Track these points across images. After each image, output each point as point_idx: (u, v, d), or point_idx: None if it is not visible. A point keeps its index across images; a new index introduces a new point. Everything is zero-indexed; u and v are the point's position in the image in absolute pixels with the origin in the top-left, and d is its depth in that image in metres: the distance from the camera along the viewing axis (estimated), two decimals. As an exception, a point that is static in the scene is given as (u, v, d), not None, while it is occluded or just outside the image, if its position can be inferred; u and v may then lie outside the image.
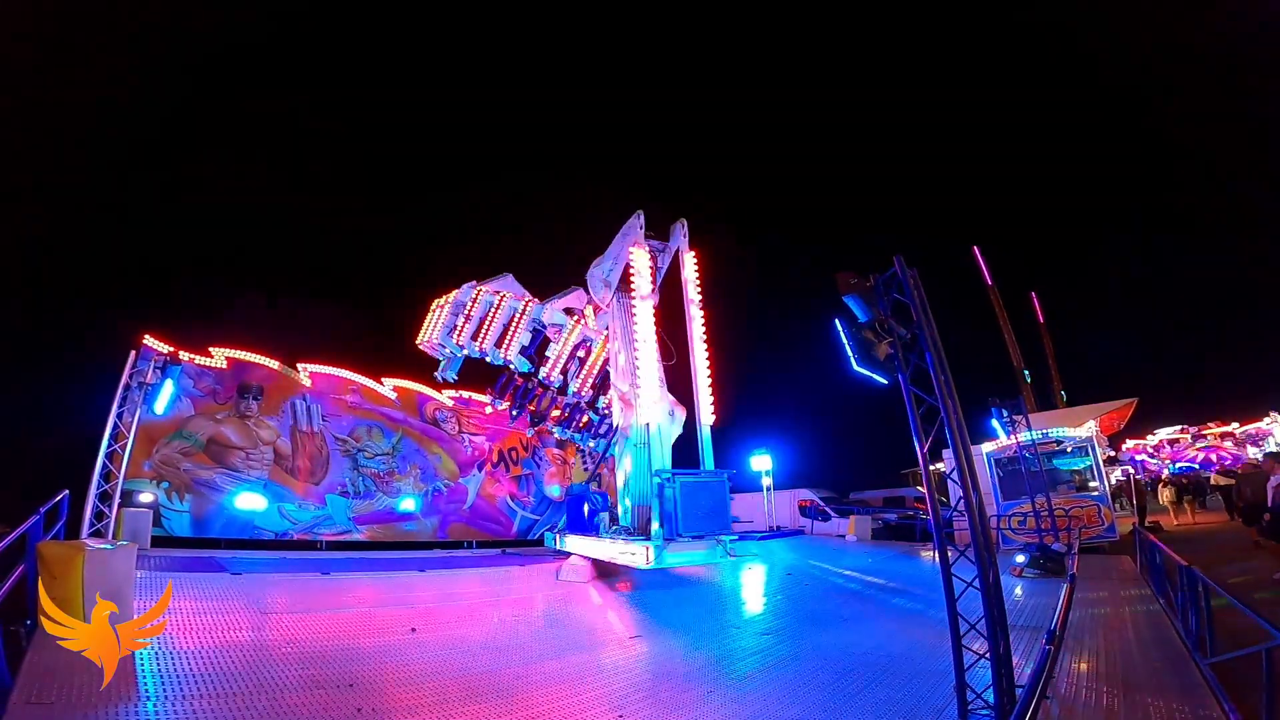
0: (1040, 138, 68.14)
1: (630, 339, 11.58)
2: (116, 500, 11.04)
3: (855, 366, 6.10)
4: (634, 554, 9.68)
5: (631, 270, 11.76)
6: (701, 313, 11.73)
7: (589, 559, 11.99)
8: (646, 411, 11.01)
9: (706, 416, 10.90)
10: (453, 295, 14.95)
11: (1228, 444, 35.48)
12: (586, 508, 13.09)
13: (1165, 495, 21.25)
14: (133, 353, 12.11)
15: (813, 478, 27.55)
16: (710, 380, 11.24)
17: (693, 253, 12.01)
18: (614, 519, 12.13)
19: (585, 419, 16.12)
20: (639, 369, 11.14)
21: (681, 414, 11.69)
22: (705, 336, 11.58)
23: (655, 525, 9.47)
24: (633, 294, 11.66)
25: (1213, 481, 22.94)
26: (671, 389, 11.71)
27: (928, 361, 5.75)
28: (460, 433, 19.06)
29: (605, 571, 11.85)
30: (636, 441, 11.22)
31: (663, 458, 11.02)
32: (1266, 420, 34.29)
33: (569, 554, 12.73)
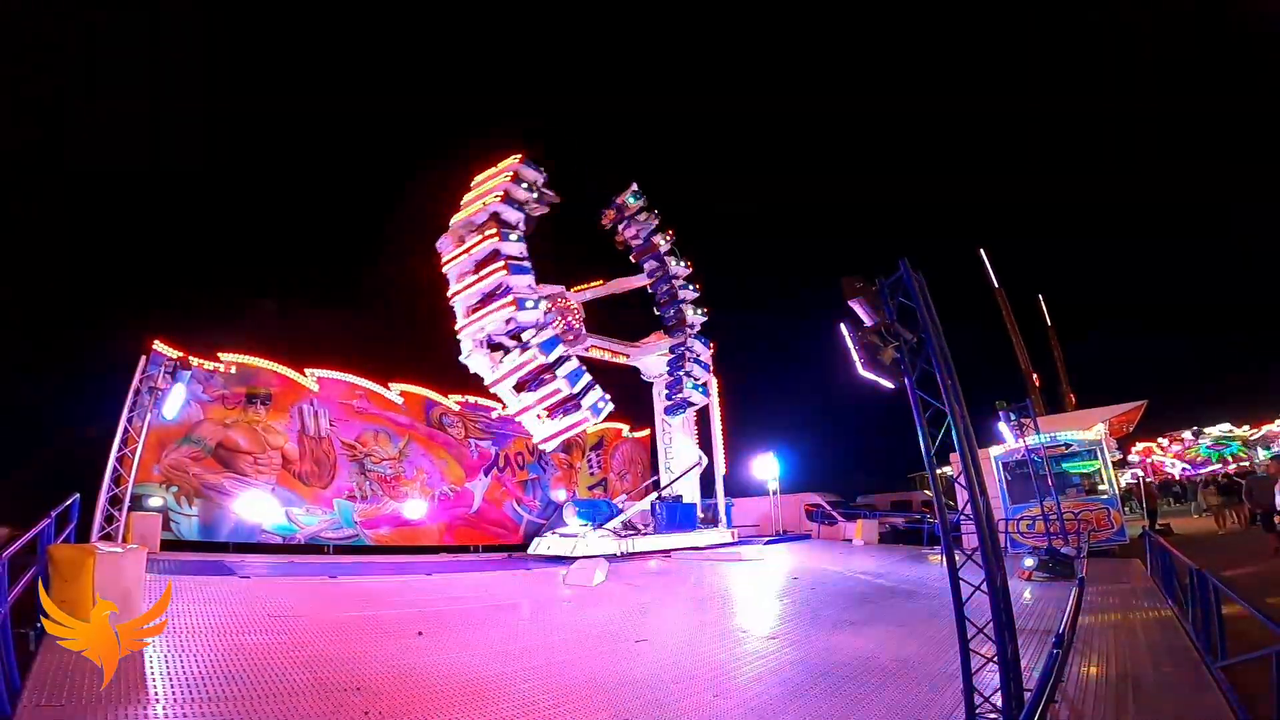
0: (1046, 137, 67.89)
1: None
2: (126, 504, 11.12)
3: (861, 371, 6.08)
4: (728, 536, 18.84)
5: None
6: (720, 413, 21.02)
7: (599, 562, 12.45)
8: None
9: (721, 471, 20.60)
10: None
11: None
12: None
13: (1208, 498, 18.35)
14: (143, 357, 12.21)
15: (819, 482, 27.49)
16: (724, 449, 20.97)
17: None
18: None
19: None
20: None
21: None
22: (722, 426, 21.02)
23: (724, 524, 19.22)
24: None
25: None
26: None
27: (934, 365, 5.74)
28: (466, 437, 19.11)
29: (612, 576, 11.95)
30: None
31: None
32: (1277, 423, 33.95)
33: (578, 558, 13.55)
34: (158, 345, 12.84)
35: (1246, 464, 31.48)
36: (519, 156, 16.41)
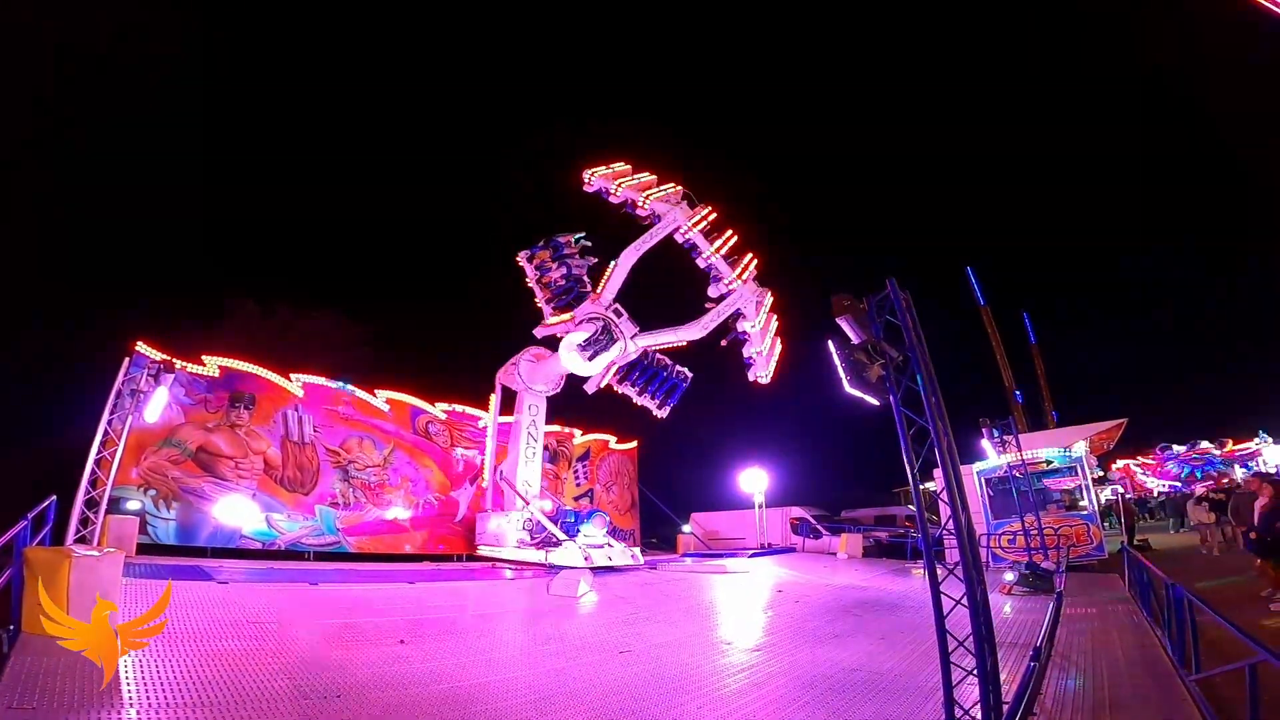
0: (1035, 159, 69.30)
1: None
2: (103, 507, 10.92)
3: (847, 388, 6.14)
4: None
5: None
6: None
7: (583, 573, 12.34)
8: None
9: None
10: None
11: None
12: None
13: (1199, 514, 17.27)
14: (126, 359, 12.05)
15: (805, 495, 27.57)
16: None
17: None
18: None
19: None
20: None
21: None
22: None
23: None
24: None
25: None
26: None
27: (919, 383, 5.82)
28: (452, 446, 19.01)
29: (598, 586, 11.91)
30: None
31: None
32: (1255, 441, 34.54)
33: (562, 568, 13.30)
34: (141, 347, 12.70)
35: (1228, 481, 31.94)
36: (629, 165, 17.87)
